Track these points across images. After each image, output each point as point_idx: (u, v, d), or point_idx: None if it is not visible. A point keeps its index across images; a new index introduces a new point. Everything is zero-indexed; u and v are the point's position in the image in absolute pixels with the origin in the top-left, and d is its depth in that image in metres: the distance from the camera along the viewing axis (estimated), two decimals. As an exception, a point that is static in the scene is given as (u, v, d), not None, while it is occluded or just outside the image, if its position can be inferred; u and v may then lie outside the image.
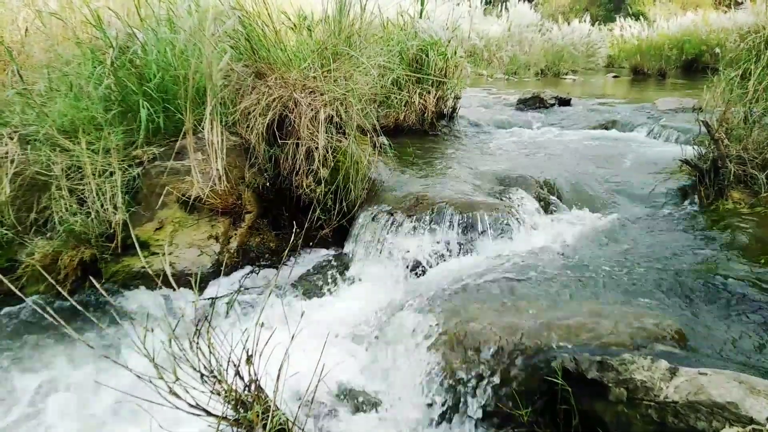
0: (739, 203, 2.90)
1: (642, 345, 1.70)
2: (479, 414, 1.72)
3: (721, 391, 1.35)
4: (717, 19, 11.55)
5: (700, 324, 1.85)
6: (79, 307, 1.43)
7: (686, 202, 3.13)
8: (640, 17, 14.49)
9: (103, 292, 1.41)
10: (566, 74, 11.68)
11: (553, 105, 6.34)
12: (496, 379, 1.72)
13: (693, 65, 11.18)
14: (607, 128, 5.22)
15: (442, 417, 1.76)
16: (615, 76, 11.44)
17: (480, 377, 1.74)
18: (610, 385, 1.53)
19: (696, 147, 3.19)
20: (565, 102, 6.44)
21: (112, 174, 2.61)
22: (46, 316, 1.30)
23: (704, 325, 1.84)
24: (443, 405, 1.77)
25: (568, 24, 13.09)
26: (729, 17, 11.20)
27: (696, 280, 2.16)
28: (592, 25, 13.28)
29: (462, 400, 1.75)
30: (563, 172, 3.56)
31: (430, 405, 1.80)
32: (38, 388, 2.00)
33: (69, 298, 1.46)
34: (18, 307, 2.38)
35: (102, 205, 2.56)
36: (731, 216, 2.81)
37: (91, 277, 1.63)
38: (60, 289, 1.48)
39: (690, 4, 14.97)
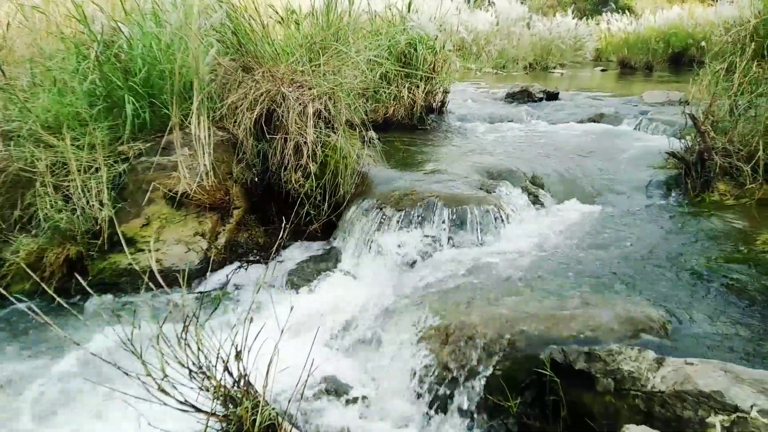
0: (724, 195, 2.94)
1: (629, 335, 1.72)
2: (468, 406, 1.72)
3: (707, 381, 1.36)
4: (703, 12, 11.65)
5: (686, 314, 1.87)
6: (65, 305, 1.42)
7: (673, 194, 3.16)
8: (627, 11, 14.56)
9: (89, 290, 1.40)
10: (554, 68, 11.71)
11: (541, 99, 6.36)
12: (485, 371, 1.72)
13: (679, 58, 11.27)
14: (594, 121, 5.24)
15: (432, 409, 1.77)
16: (603, 70, 11.50)
17: (469, 369, 1.75)
18: (598, 375, 1.55)
19: (682, 140, 3.22)
20: (553, 96, 6.47)
21: (97, 170, 2.58)
22: (31, 314, 1.29)
23: (690, 316, 1.86)
24: (433, 397, 1.78)
25: (555, 17, 13.10)
26: (714, 11, 11.28)
27: (682, 271, 2.18)
28: (580, 18, 13.32)
29: (451, 392, 1.75)
30: (551, 165, 3.58)
31: (419, 397, 1.80)
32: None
33: (55, 296, 1.44)
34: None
35: (88, 202, 2.53)
36: (717, 208, 2.84)
37: (76, 275, 1.62)
38: (45, 287, 1.47)
39: (676, -2, 15.05)
